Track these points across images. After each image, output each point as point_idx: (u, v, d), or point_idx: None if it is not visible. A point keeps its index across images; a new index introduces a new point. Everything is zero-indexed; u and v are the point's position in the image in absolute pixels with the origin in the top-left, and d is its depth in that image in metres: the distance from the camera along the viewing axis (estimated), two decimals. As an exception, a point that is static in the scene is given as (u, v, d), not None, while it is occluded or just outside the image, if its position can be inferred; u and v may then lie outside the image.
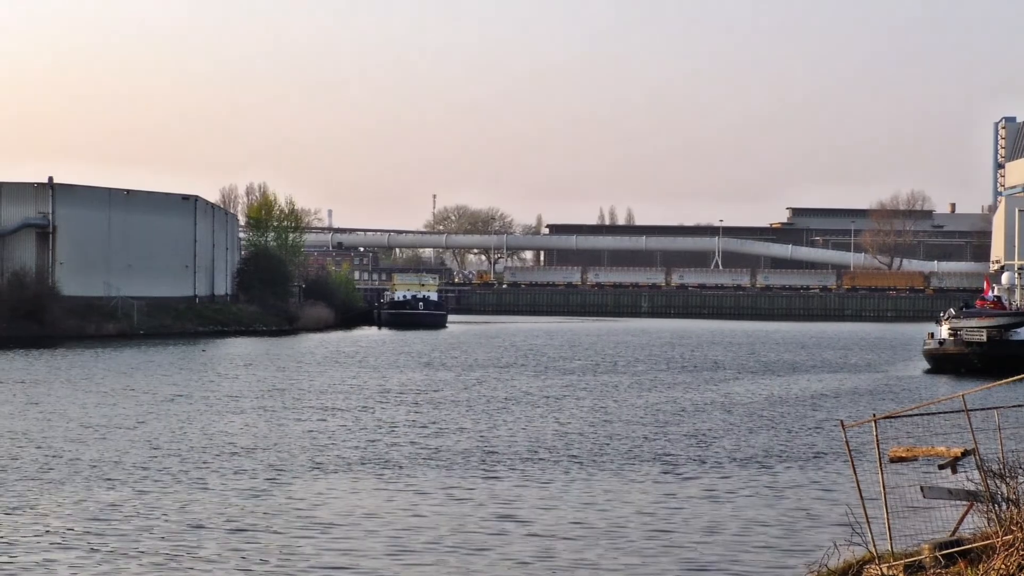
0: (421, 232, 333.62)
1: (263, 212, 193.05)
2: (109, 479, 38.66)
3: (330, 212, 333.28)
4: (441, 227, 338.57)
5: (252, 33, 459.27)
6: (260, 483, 38.49)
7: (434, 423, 54.82)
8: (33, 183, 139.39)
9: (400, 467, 41.98)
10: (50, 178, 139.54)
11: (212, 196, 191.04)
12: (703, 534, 32.18)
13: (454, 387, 74.08)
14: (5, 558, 28.55)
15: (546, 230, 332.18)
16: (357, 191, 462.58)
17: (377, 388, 72.78)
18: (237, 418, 55.72)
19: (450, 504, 35.70)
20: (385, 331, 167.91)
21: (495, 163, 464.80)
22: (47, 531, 31.25)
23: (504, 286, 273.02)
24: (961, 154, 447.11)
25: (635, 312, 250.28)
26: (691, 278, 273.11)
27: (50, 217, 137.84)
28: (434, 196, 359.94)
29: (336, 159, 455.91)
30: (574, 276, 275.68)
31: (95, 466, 41.02)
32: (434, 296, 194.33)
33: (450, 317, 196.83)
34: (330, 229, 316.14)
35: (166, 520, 32.71)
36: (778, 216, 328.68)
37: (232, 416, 56.53)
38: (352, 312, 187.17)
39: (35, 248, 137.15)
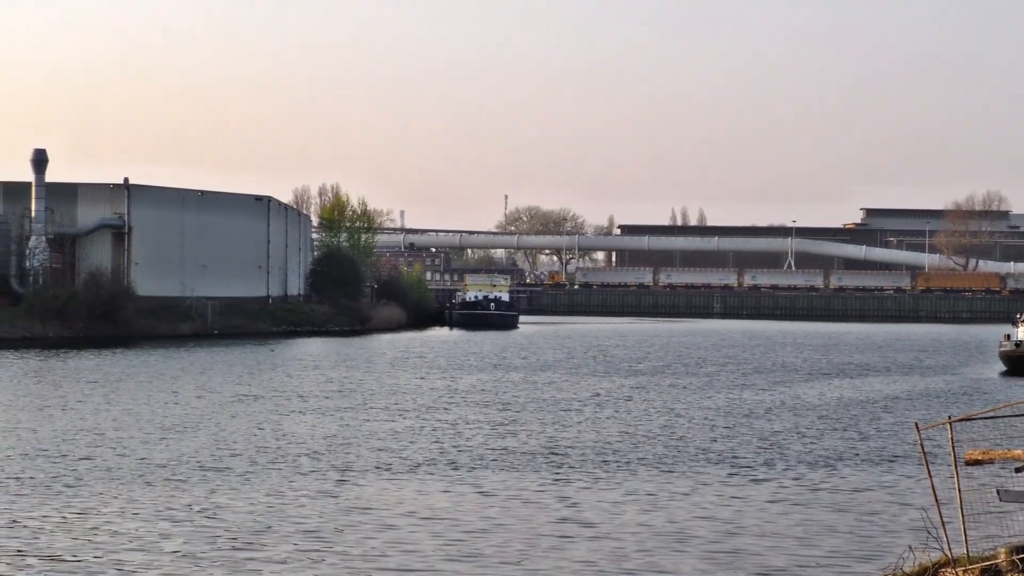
0: (493, 233, 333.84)
1: (336, 213, 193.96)
2: (180, 479, 38.89)
3: (402, 213, 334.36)
4: (513, 228, 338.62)
5: (327, 34, 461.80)
6: (329, 484, 38.59)
7: (503, 424, 54.80)
8: (109, 184, 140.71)
9: (468, 468, 42.00)
10: (126, 179, 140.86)
11: (285, 197, 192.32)
12: (773, 538, 31.96)
13: (524, 388, 74.01)
14: (79, 557, 28.74)
15: (618, 231, 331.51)
16: (429, 192, 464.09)
17: (447, 389, 72.87)
18: (306, 419, 55.95)
19: (517, 506, 35.67)
20: (456, 332, 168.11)
21: (567, 163, 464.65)
22: (118, 531, 31.43)
23: (575, 287, 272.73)
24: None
25: (707, 313, 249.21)
26: (764, 279, 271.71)
27: (126, 218, 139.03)
28: (506, 196, 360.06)
29: (409, 160, 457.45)
30: (646, 277, 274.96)
31: (165, 466, 41.28)
32: (505, 297, 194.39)
33: (521, 318, 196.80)
34: (402, 230, 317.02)
35: (235, 521, 32.83)
36: (852, 216, 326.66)
37: (301, 417, 56.77)
38: (424, 313, 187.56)
39: (111, 248, 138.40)
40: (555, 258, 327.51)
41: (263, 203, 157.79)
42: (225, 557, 28.91)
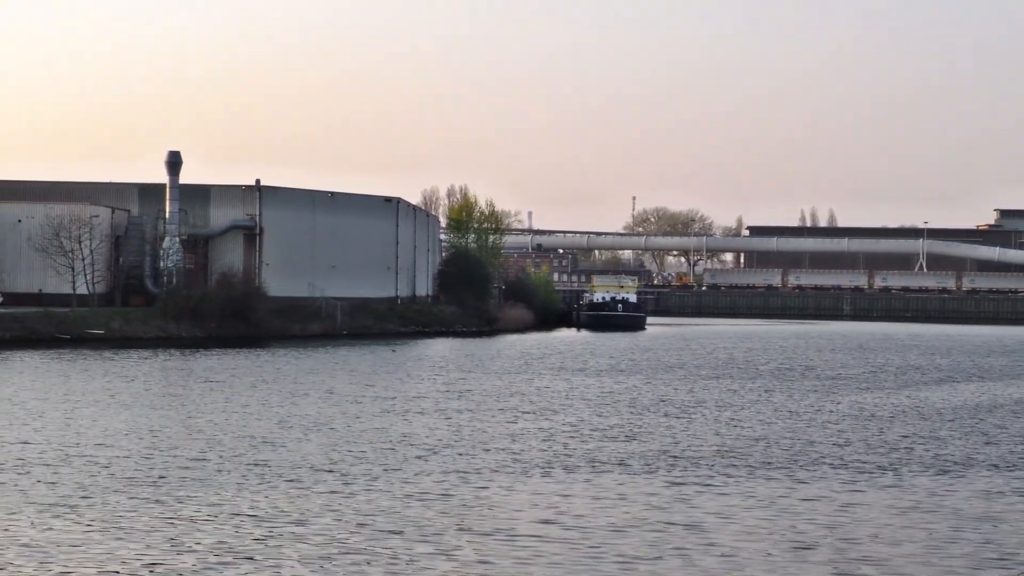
0: (620, 234, 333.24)
1: (464, 214, 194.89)
2: (298, 480, 39.33)
3: (530, 214, 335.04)
4: (640, 229, 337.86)
5: (457, 36, 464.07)
6: (452, 484, 38.87)
7: (625, 426, 54.80)
8: (241, 185, 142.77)
9: (588, 469, 42.08)
10: (257, 180, 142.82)
11: (414, 198, 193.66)
12: (895, 544, 31.68)
13: (648, 390, 73.91)
14: (197, 555, 29.25)
15: (746, 232, 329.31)
16: (557, 193, 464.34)
17: (571, 390, 72.93)
18: (430, 419, 56.30)
19: (638, 508, 35.70)
20: (584, 333, 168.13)
21: (695, 164, 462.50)
22: (238, 531, 31.95)
23: (703, 288, 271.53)
24: None
25: (836, 315, 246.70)
26: (894, 280, 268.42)
27: (257, 219, 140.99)
28: (633, 198, 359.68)
29: (537, 161, 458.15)
30: (774, 278, 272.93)
31: (287, 466, 41.78)
32: (633, 298, 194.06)
33: (649, 319, 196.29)
34: (530, 231, 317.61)
35: (357, 521, 33.24)
36: (985, 218, 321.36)
37: (425, 417, 57.13)
38: (551, 314, 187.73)
39: (242, 249, 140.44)
40: (683, 259, 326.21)
41: (392, 204, 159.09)
42: (347, 558, 29.24)
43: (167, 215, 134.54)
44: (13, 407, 57.83)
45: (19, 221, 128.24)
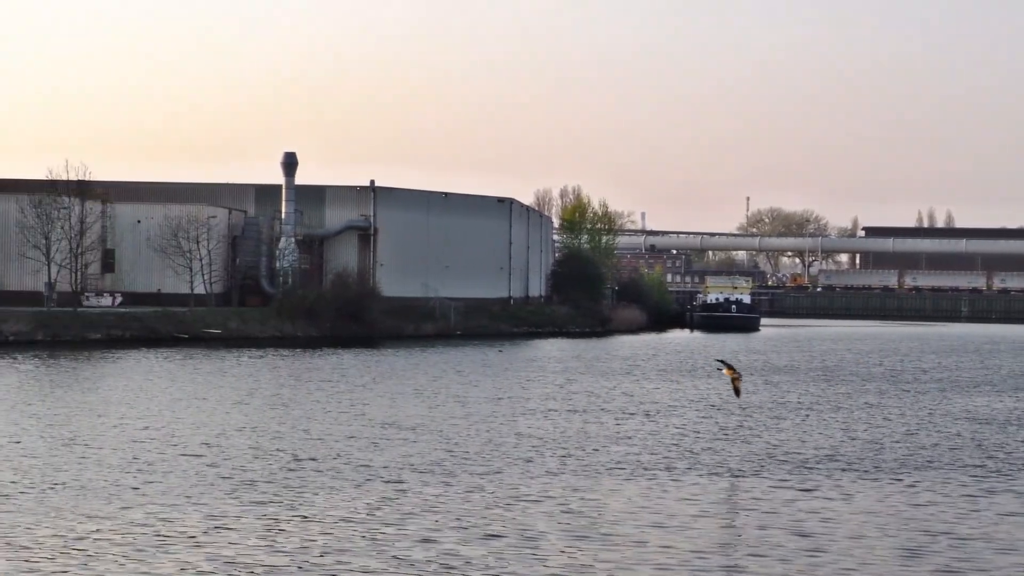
0: (734, 234, 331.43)
1: (577, 214, 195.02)
2: (401, 480, 39.51)
3: (643, 214, 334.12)
4: (754, 229, 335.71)
5: (570, 38, 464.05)
6: (560, 486, 38.89)
7: (733, 429, 54.46)
8: (356, 186, 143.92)
9: (697, 471, 41.95)
10: (372, 181, 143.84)
11: (527, 199, 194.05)
12: (1006, 550, 31.20)
13: (760, 392, 73.35)
14: (302, 554, 29.56)
15: (862, 232, 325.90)
16: (670, 194, 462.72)
17: (682, 391, 72.66)
18: (533, 420, 56.35)
19: (739, 510, 35.54)
20: (697, 334, 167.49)
21: (810, 165, 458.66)
22: (341, 531, 32.21)
23: (818, 289, 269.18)
24: None
25: (954, 317, 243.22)
26: (1014, 282, 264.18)
27: (372, 219, 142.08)
28: (747, 198, 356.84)
29: (650, 162, 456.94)
30: (890, 279, 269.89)
31: (392, 466, 41.97)
32: (747, 299, 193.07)
33: (763, 320, 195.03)
34: (643, 231, 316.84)
35: (467, 521, 33.41)
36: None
37: (528, 418, 57.18)
38: (664, 314, 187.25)
39: (357, 249, 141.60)
40: (797, 260, 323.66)
41: (505, 205, 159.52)
42: (448, 559, 29.39)
43: (283, 216, 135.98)
44: (129, 404, 58.76)
45: (138, 222, 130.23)
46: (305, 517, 33.31)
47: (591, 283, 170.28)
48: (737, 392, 52.51)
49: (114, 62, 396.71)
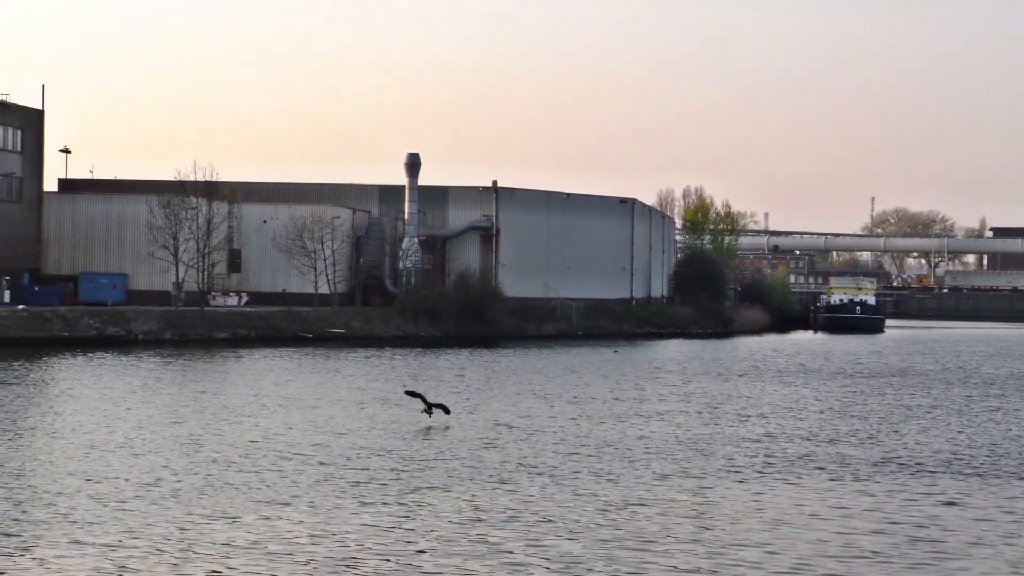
0: (858, 235, 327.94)
1: (699, 215, 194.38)
2: (511, 481, 39.56)
3: (766, 215, 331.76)
4: (879, 230, 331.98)
5: (692, 39, 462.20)
6: (677, 488, 38.73)
7: (852, 431, 53.84)
8: (478, 187, 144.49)
9: (815, 474, 41.58)
10: (494, 182, 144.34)
11: (649, 199, 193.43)
12: None
13: (882, 394, 72.49)
14: (410, 556, 29.70)
15: (989, 233, 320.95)
16: (793, 194, 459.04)
17: (803, 393, 72.01)
18: (647, 421, 56.21)
19: (855, 514, 35.17)
20: (820, 335, 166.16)
21: (936, 164, 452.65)
22: (438, 533, 32.31)
23: (944, 290, 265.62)
24: None
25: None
26: None
27: (494, 220, 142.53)
28: (872, 198, 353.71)
29: (773, 162, 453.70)
30: (1019, 280, 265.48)
31: (503, 466, 42.07)
32: (871, 300, 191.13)
33: (887, 321, 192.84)
34: (766, 232, 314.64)
35: (579, 523, 33.34)
36: None
37: (642, 420, 57.03)
38: (787, 315, 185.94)
39: (479, 249, 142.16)
40: (923, 261, 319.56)
41: (627, 205, 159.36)
42: (568, 561, 29.37)
43: (406, 216, 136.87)
44: (249, 403, 59.46)
45: (264, 222, 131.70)
46: (415, 518, 33.43)
47: (713, 284, 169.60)
48: (429, 410, 52.63)
49: (241, 64, 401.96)
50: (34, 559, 28.09)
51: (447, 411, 53.36)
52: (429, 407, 52.85)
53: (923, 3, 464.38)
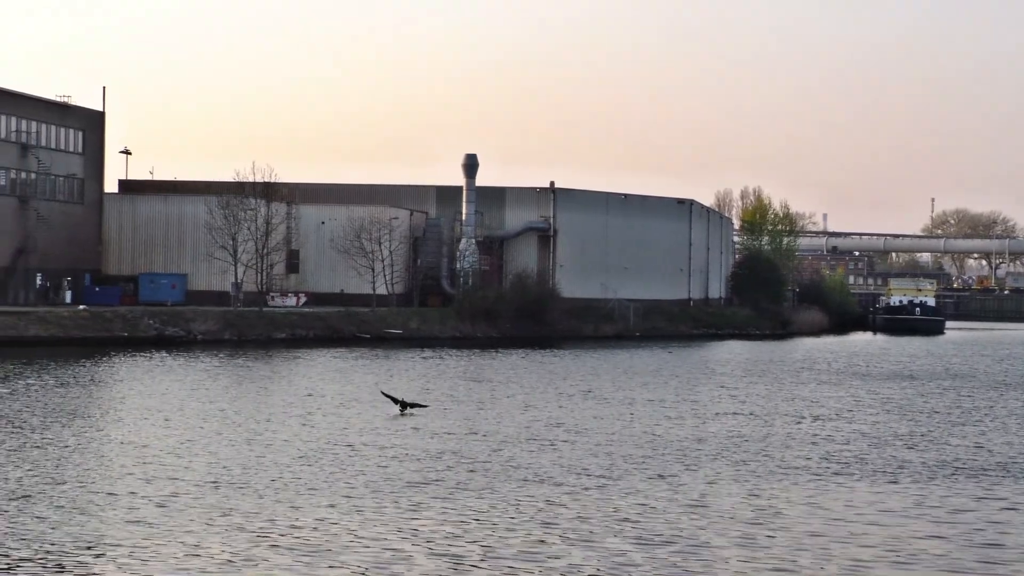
0: (918, 236, 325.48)
1: (757, 216, 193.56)
2: (565, 482, 39.69)
3: (825, 216, 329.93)
4: (939, 231, 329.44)
5: (749, 40, 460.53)
6: (738, 488, 38.69)
7: (908, 434, 53.60)
8: (536, 188, 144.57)
9: (873, 477, 41.39)
10: (552, 183, 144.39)
11: (707, 200, 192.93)
12: None
13: (941, 397, 71.99)
14: (463, 558, 29.80)
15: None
16: (853, 195, 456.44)
17: (861, 395, 71.64)
18: (701, 423, 56.14)
19: (910, 517, 35.02)
20: (879, 336, 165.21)
21: (997, 165, 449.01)
22: (493, 535, 32.30)
23: (1005, 292, 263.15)
24: None
25: None
26: None
27: (551, 221, 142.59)
28: (932, 199, 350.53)
29: (833, 162, 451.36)
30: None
31: (559, 467, 42.23)
32: (931, 301, 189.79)
33: (948, 323, 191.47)
34: (824, 233, 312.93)
35: (624, 525, 33.32)
36: None
37: (702, 421, 57.01)
38: (846, 317, 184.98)
39: (536, 250, 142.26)
40: (983, 262, 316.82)
41: (685, 206, 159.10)
42: (624, 563, 29.39)
43: (464, 217, 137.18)
44: (307, 402, 59.76)
45: (322, 223, 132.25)
46: (465, 518, 33.59)
47: (771, 285, 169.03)
48: (403, 407, 55.87)
49: (300, 64, 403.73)
50: (101, 557, 28.41)
51: (423, 406, 56.50)
52: (404, 406, 55.89)
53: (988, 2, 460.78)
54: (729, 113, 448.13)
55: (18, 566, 27.40)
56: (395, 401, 56.83)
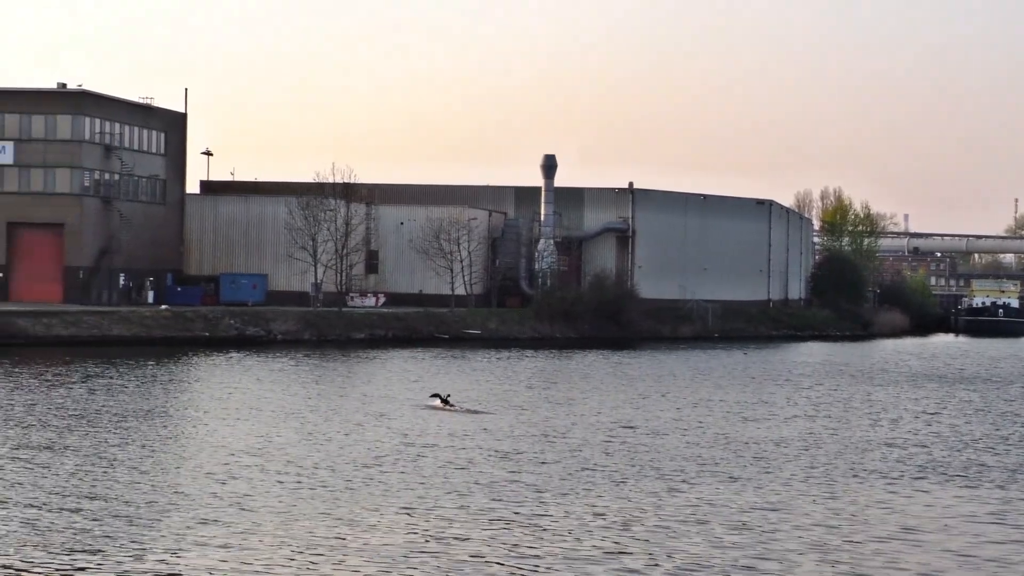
0: (1002, 237, 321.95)
1: (838, 216, 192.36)
2: (629, 482, 39.63)
3: (906, 217, 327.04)
4: (1023, 232, 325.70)
5: (828, 41, 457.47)
6: (819, 489, 38.54)
7: (984, 437, 53.06)
8: (614, 189, 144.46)
9: (943, 480, 41.15)
10: (630, 184, 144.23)
11: (787, 200, 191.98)
12: None
13: (1020, 399, 71.23)
14: (537, 556, 29.79)
15: None
16: (935, 195, 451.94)
17: (941, 398, 70.97)
18: (773, 425, 55.88)
19: (984, 521, 34.66)
20: (961, 338, 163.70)
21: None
22: (567, 537, 32.34)
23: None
24: None
25: None
26: None
27: (630, 221, 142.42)
28: (1016, 199, 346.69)
29: (914, 163, 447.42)
30: None
31: (626, 470, 42.22)
32: (1014, 303, 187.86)
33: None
34: (906, 234, 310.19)
35: (734, 521, 33.24)
36: None
37: (768, 423, 56.70)
38: (927, 318, 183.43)
39: (615, 251, 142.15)
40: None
41: (765, 207, 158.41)
42: (724, 560, 29.35)
43: (542, 218, 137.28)
44: (384, 403, 60.06)
45: (401, 224, 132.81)
46: (541, 519, 33.68)
47: (852, 286, 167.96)
48: (444, 401, 58.21)
49: (379, 65, 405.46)
50: (179, 556, 28.72)
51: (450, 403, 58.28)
52: (444, 401, 58.09)
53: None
54: (809, 113, 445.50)
55: (97, 565, 27.70)
56: (440, 398, 58.53)
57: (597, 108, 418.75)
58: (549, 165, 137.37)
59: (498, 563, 28.71)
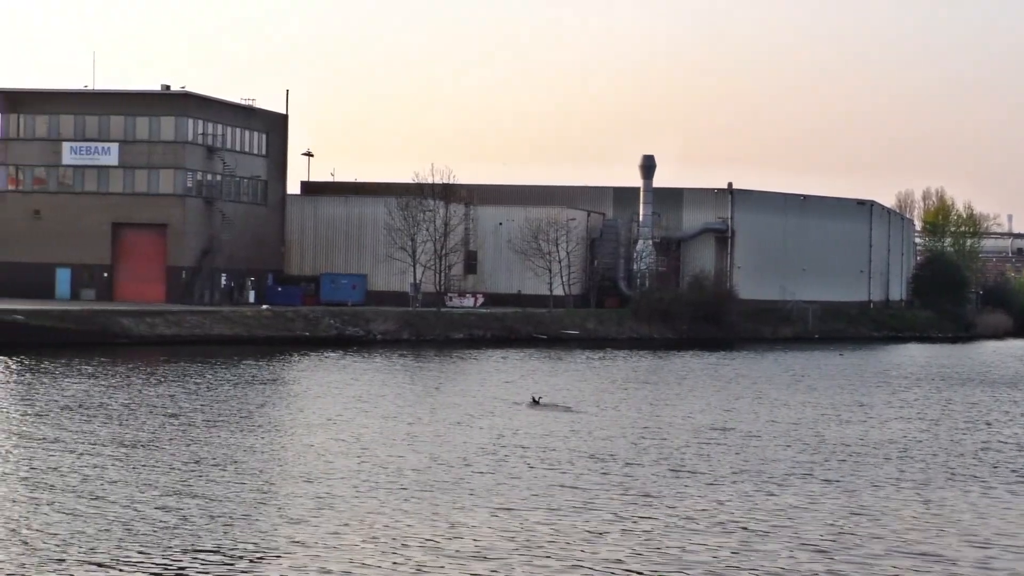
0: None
1: (940, 217, 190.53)
2: (721, 483, 39.50)
3: (1010, 217, 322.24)
4: None
5: (932, 39, 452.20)
6: (907, 492, 38.27)
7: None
8: (713, 189, 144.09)
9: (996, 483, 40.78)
10: (729, 184, 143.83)
11: (888, 201, 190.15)
12: None
13: None
14: (619, 558, 29.89)
15: None
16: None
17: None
18: (864, 427, 55.47)
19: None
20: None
21: None
22: (648, 538, 32.39)
23: None
24: None
25: None
26: None
27: (729, 222, 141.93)
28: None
29: (1017, 163, 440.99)
30: None
31: (717, 471, 42.10)
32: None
33: None
34: (1010, 234, 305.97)
35: (818, 522, 33.22)
36: None
37: (860, 426, 56.30)
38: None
39: (714, 252, 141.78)
40: None
41: (865, 207, 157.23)
42: (814, 564, 29.31)
43: (640, 218, 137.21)
44: (484, 402, 60.39)
45: (500, 224, 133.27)
46: (626, 521, 33.71)
47: (954, 287, 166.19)
48: (535, 401, 60.15)
49: (477, 66, 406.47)
50: (273, 555, 29.11)
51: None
52: (535, 401, 59.90)
53: None
54: (912, 113, 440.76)
55: (191, 562, 28.12)
56: (534, 400, 60.10)
57: (696, 108, 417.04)
58: (648, 165, 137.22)
59: (588, 567, 28.81)
